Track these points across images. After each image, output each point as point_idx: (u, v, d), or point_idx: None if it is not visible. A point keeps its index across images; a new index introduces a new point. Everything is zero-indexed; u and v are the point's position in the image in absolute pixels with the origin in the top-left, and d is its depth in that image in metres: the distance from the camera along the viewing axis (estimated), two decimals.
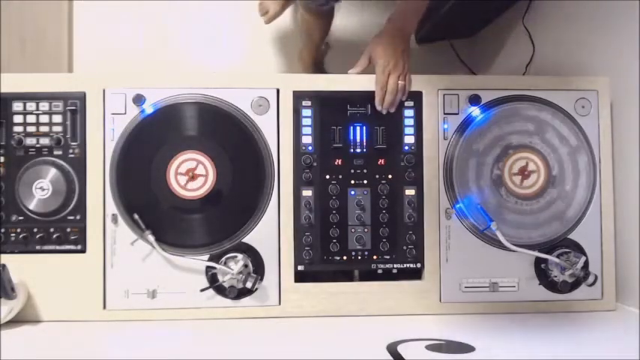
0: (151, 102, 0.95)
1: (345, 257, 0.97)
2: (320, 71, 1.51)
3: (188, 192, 0.95)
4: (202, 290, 0.93)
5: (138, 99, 0.95)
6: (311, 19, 1.37)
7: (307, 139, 0.97)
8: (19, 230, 0.93)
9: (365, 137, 0.98)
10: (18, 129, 0.94)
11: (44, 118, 0.94)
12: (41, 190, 0.93)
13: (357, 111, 0.98)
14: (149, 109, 0.95)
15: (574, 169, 0.99)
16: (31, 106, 0.94)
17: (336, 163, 0.97)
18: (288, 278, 0.95)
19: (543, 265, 0.98)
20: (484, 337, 0.84)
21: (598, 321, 0.94)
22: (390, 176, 0.98)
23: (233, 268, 0.92)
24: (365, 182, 0.97)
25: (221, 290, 0.94)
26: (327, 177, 0.97)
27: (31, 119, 0.94)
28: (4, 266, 0.85)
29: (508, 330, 0.89)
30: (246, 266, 0.93)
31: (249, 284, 0.92)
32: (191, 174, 0.95)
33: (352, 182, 0.97)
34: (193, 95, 0.96)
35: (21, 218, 0.93)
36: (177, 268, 0.94)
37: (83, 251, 0.94)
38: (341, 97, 0.98)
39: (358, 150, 0.98)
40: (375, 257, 0.97)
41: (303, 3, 1.29)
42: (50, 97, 0.95)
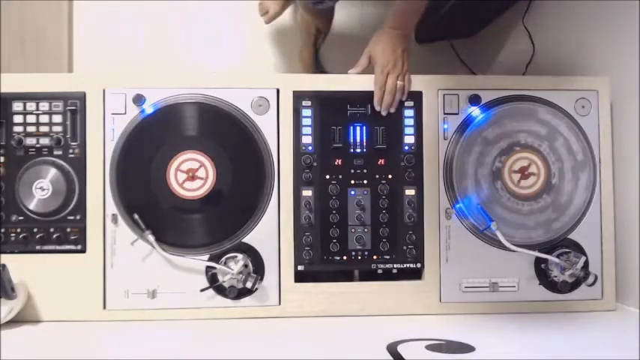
0: (151, 102, 0.95)
1: (345, 257, 0.97)
2: (320, 70, 1.51)
3: (188, 192, 0.95)
4: (202, 290, 0.93)
5: (138, 99, 0.95)
6: (310, 19, 1.37)
7: (307, 139, 0.97)
8: (19, 230, 0.93)
9: (365, 137, 0.98)
10: (18, 129, 0.94)
11: (44, 118, 0.94)
12: (41, 190, 0.93)
13: (357, 111, 0.98)
14: (149, 109, 0.95)
15: (574, 170, 0.99)
16: (31, 106, 0.94)
17: (336, 163, 0.97)
18: (288, 278, 0.96)
19: (543, 265, 0.98)
20: (484, 337, 0.84)
21: (598, 321, 0.94)
22: (390, 176, 0.98)
23: (233, 268, 0.92)
24: (365, 182, 0.97)
25: (221, 290, 0.94)
26: (327, 177, 0.97)
27: (31, 119, 0.94)
28: (4, 266, 0.85)
29: (508, 330, 0.89)
30: (246, 266, 0.93)
31: (249, 284, 0.92)
32: (191, 174, 0.95)
33: (352, 182, 0.97)
34: (193, 95, 0.96)
35: (21, 218, 0.93)
36: (177, 268, 0.94)
37: (83, 251, 0.94)
38: (341, 97, 0.98)
39: (358, 150, 0.98)
40: (375, 257, 0.97)
41: (302, 3, 1.29)
42: (50, 97, 0.95)
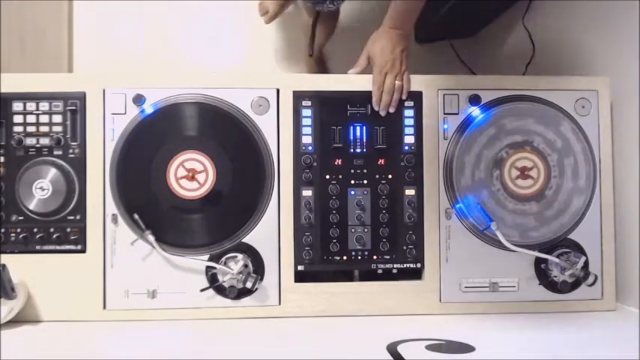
0: (151, 102, 0.95)
1: (345, 257, 0.97)
2: (324, 68, 1.50)
3: (188, 192, 0.95)
4: (202, 290, 0.93)
5: (138, 99, 0.95)
6: (311, 18, 1.36)
7: (307, 139, 0.97)
8: (19, 230, 0.93)
9: (365, 137, 0.98)
10: (18, 129, 0.94)
11: (44, 118, 0.94)
12: (41, 190, 0.93)
13: (357, 111, 0.98)
14: (149, 109, 0.95)
15: (574, 169, 0.99)
16: (31, 106, 0.94)
17: (336, 163, 0.97)
18: (288, 278, 0.95)
19: (543, 265, 0.98)
20: (484, 337, 0.84)
21: (598, 321, 0.94)
22: (390, 176, 0.98)
23: (233, 268, 0.92)
24: (365, 182, 0.97)
25: (221, 290, 0.94)
26: (327, 177, 0.97)
27: (31, 119, 0.94)
28: (4, 266, 0.85)
29: (508, 330, 0.89)
30: (246, 266, 0.93)
31: (249, 284, 0.92)
32: (191, 174, 0.95)
33: (352, 182, 0.97)
34: (193, 95, 0.96)
35: (21, 218, 0.93)
36: (177, 268, 0.94)
37: (83, 251, 0.94)
38: (341, 97, 0.98)
39: (358, 150, 0.98)
40: (375, 257, 0.97)
41: (303, 3, 1.29)
42: (50, 97, 0.95)
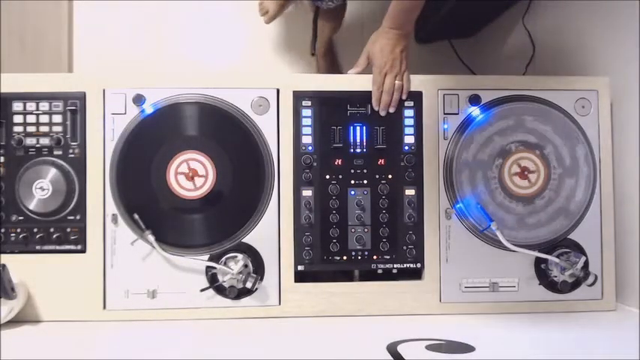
0: (151, 102, 0.95)
1: (345, 257, 0.97)
2: (333, 65, 1.49)
3: (188, 192, 0.95)
4: (202, 290, 0.93)
5: (138, 99, 0.95)
6: (319, 18, 1.36)
7: (307, 139, 0.97)
8: (19, 230, 0.93)
9: (365, 137, 0.98)
10: (18, 129, 0.94)
11: (44, 118, 0.94)
12: (41, 190, 0.93)
13: (357, 111, 0.98)
14: (149, 109, 0.95)
15: (574, 169, 0.99)
16: (31, 106, 0.94)
17: (336, 163, 0.97)
18: (288, 278, 0.95)
19: (543, 265, 0.98)
20: (484, 337, 0.84)
21: (598, 321, 0.94)
22: (390, 176, 0.98)
23: (233, 268, 0.92)
24: (365, 182, 0.97)
25: (221, 290, 0.94)
26: (327, 177, 0.97)
27: (31, 119, 0.94)
28: (4, 266, 0.85)
29: (508, 330, 0.89)
30: (246, 266, 0.93)
31: (249, 284, 0.92)
32: (191, 174, 0.95)
33: (352, 182, 0.97)
34: (193, 95, 0.96)
35: (21, 218, 0.93)
36: (177, 268, 0.94)
37: (83, 251, 0.94)
38: (341, 97, 0.98)
39: (358, 150, 0.98)
40: (375, 257, 0.97)
41: (308, 3, 1.29)
42: (50, 97, 0.95)
